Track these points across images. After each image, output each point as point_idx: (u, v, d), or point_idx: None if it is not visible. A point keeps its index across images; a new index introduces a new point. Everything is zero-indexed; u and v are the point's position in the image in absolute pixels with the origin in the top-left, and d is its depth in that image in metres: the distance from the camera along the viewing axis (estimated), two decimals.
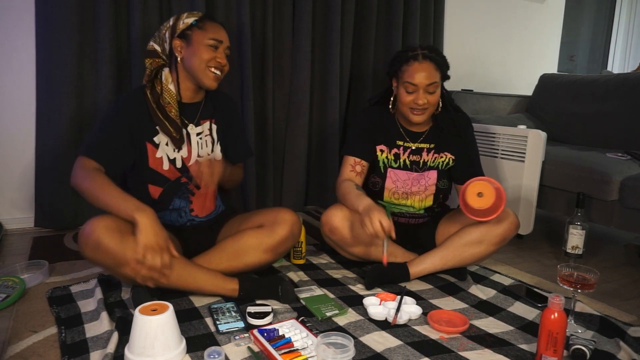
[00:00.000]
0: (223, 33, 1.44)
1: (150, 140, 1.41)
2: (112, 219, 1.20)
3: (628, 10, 4.07)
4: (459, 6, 2.94)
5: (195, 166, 1.42)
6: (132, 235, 1.19)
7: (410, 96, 1.51)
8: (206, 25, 1.42)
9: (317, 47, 2.42)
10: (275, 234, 1.41)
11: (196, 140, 1.48)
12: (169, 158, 1.43)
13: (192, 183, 1.47)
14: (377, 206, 1.37)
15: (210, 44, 1.40)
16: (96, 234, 1.17)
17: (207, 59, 1.40)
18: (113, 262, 1.20)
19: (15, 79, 1.94)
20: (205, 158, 1.45)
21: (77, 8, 1.88)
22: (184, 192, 1.46)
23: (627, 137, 2.30)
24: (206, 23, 1.43)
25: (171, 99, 1.43)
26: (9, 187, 2.01)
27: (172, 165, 1.43)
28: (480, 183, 1.37)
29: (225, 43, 1.44)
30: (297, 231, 1.47)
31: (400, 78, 1.53)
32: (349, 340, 0.95)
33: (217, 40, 1.41)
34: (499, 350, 1.14)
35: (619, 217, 1.84)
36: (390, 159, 1.62)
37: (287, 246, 1.46)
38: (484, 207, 1.37)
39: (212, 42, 1.40)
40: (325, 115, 2.46)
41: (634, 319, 1.38)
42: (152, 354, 1.00)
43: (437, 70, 1.51)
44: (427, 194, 1.64)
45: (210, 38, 1.40)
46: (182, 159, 1.45)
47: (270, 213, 1.46)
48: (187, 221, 1.49)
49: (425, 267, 1.55)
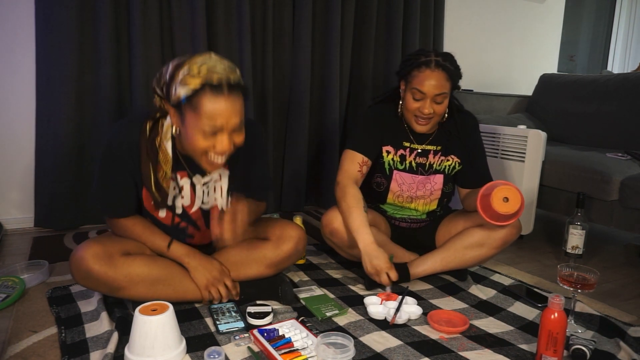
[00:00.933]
0: (225, 113, 1.08)
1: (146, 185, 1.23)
2: (101, 245, 1.17)
3: (628, 10, 4.07)
4: (459, 6, 2.94)
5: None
6: (122, 258, 1.18)
7: (416, 103, 1.46)
8: (201, 103, 1.06)
9: (317, 47, 2.42)
10: (280, 250, 1.37)
11: (201, 190, 1.30)
12: (168, 206, 1.27)
13: (191, 226, 1.33)
14: (378, 249, 1.35)
15: (209, 127, 1.08)
16: (85, 262, 1.14)
17: (202, 147, 1.11)
18: (107, 289, 1.19)
19: (15, 79, 1.94)
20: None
21: (77, 8, 1.88)
22: (181, 234, 1.33)
23: (627, 137, 2.30)
24: (201, 101, 1.06)
25: (164, 161, 1.20)
26: (9, 187, 2.01)
27: (169, 212, 1.29)
28: (505, 188, 1.34)
29: (228, 126, 1.10)
30: (302, 247, 1.43)
31: (409, 82, 1.47)
32: (349, 340, 0.95)
33: (214, 127, 1.09)
34: (499, 350, 1.14)
35: (619, 217, 1.83)
36: (396, 160, 1.58)
37: (291, 262, 1.43)
38: (510, 212, 1.35)
39: (210, 124, 1.08)
40: (325, 115, 2.46)
41: (634, 319, 1.38)
42: (152, 354, 1.00)
43: (448, 80, 1.43)
44: (432, 198, 1.61)
45: (203, 126, 1.08)
46: (184, 207, 1.30)
47: (277, 227, 1.41)
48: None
49: (426, 268, 1.54)
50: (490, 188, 1.37)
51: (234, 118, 1.10)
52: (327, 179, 2.48)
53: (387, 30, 2.57)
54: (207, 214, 1.33)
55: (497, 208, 1.33)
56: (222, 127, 1.09)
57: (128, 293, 1.20)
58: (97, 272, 1.15)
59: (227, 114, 1.08)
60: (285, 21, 2.31)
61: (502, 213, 1.34)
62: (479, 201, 1.39)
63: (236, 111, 1.10)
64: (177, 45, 2.07)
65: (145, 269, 1.21)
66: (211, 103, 1.07)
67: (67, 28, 1.87)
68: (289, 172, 2.43)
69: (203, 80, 1.06)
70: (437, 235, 1.66)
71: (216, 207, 1.31)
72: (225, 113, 1.08)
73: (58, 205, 1.98)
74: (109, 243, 1.21)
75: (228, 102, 1.08)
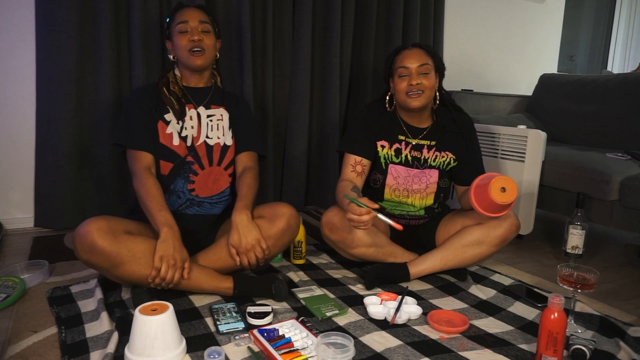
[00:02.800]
0: (188, 12, 1.46)
1: (161, 117, 1.47)
2: (105, 221, 1.23)
3: (628, 10, 4.07)
4: (459, 6, 2.94)
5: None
6: (125, 235, 1.24)
7: (404, 81, 1.52)
8: (175, 15, 1.48)
9: (317, 47, 2.42)
10: (274, 226, 1.42)
11: (206, 122, 1.52)
12: (180, 135, 1.48)
13: (196, 163, 1.49)
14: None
15: (180, 30, 1.45)
16: (90, 236, 1.19)
17: (183, 45, 1.45)
18: (109, 264, 1.21)
19: (15, 79, 1.94)
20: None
21: (77, 8, 1.88)
22: (187, 171, 1.48)
23: (627, 137, 2.30)
24: (175, 14, 1.48)
25: (173, 79, 1.52)
26: (9, 187, 2.01)
27: (182, 142, 1.48)
28: (502, 178, 1.35)
29: (192, 21, 1.45)
30: (295, 224, 1.47)
31: (394, 71, 1.56)
32: (349, 340, 0.95)
33: (183, 22, 1.45)
34: (499, 350, 1.14)
35: (619, 217, 1.84)
36: (391, 154, 1.61)
37: (285, 240, 1.46)
38: (507, 202, 1.36)
39: (180, 26, 1.45)
40: (325, 115, 2.46)
41: (634, 319, 1.38)
42: (152, 354, 1.00)
43: (428, 55, 1.54)
44: (428, 192, 1.63)
45: (177, 24, 1.45)
46: (192, 139, 1.49)
47: (269, 207, 1.49)
48: (185, 200, 1.49)
49: (426, 267, 1.55)
50: (487, 178, 1.39)
51: (197, 14, 1.46)
52: (327, 178, 2.48)
53: (387, 30, 2.57)
54: (211, 151, 1.52)
55: (495, 198, 1.34)
56: (189, 20, 1.44)
57: (129, 269, 1.23)
58: (102, 245, 1.18)
59: (191, 12, 1.47)
60: (285, 21, 2.31)
61: (500, 203, 1.34)
62: (473, 191, 1.41)
63: (199, 13, 1.47)
64: None
65: (147, 245, 1.25)
66: (179, 12, 1.48)
67: (67, 28, 1.87)
68: (289, 172, 2.43)
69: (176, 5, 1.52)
70: (437, 235, 1.67)
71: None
72: (189, 12, 1.47)
73: (58, 205, 1.98)
74: (112, 220, 1.26)
75: (191, 8, 1.48)
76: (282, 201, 2.44)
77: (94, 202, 2.06)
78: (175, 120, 1.48)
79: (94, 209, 2.06)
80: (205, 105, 1.54)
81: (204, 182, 1.51)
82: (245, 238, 1.34)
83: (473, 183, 1.43)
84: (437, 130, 1.63)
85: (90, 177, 2.04)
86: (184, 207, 1.50)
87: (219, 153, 1.54)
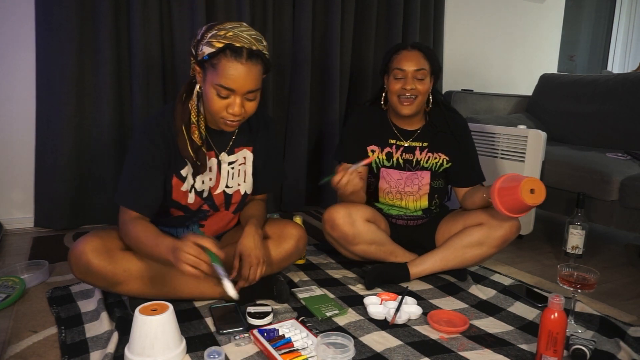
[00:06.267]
0: (240, 76, 1.12)
1: (177, 172, 1.27)
2: (100, 239, 1.18)
3: (628, 10, 4.07)
4: (459, 6, 2.94)
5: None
6: (120, 253, 1.20)
7: (398, 83, 1.51)
8: (220, 63, 1.12)
9: (317, 47, 2.42)
10: (281, 249, 1.38)
11: (227, 170, 1.34)
12: (196, 190, 1.30)
13: (211, 209, 1.37)
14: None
15: (219, 93, 1.14)
16: (85, 256, 1.15)
17: (216, 106, 1.16)
18: (105, 283, 1.19)
19: (15, 80, 1.94)
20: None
21: (77, 8, 1.88)
22: (201, 217, 1.38)
23: (627, 137, 2.30)
24: (221, 61, 1.12)
25: (196, 119, 1.23)
26: (9, 187, 2.01)
27: (197, 197, 1.31)
28: (530, 180, 1.33)
29: (239, 91, 1.14)
30: (302, 246, 1.43)
31: (390, 69, 1.54)
32: (349, 340, 0.95)
33: (227, 89, 1.13)
34: (499, 350, 1.14)
35: (619, 217, 1.83)
36: (382, 158, 1.61)
37: (291, 261, 1.44)
38: (538, 203, 1.34)
39: (221, 90, 1.13)
40: (325, 115, 2.46)
41: (634, 319, 1.38)
42: (152, 354, 1.00)
43: (425, 59, 1.51)
44: (421, 194, 1.62)
45: (218, 84, 1.13)
46: (210, 189, 1.33)
47: (277, 226, 1.42)
48: (190, 231, 1.40)
49: (426, 267, 1.55)
50: (514, 180, 1.34)
51: (248, 84, 1.14)
52: None
53: (387, 30, 2.57)
54: (229, 199, 1.37)
55: (526, 199, 1.31)
56: (236, 90, 1.14)
57: (126, 288, 1.21)
58: (97, 267, 1.16)
59: (242, 78, 1.13)
60: (285, 21, 2.31)
61: (531, 204, 1.32)
62: (497, 193, 1.36)
63: (252, 78, 1.14)
64: (177, 45, 2.07)
65: (144, 264, 1.22)
66: (229, 64, 1.12)
67: (67, 28, 1.87)
68: (289, 172, 2.43)
69: (226, 43, 1.12)
70: (437, 235, 1.66)
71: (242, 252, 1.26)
72: (240, 76, 1.12)
73: (58, 205, 1.98)
74: (107, 237, 1.21)
75: (245, 68, 1.13)
76: (282, 200, 2.46)
77: (94, 202, 2.06)
78: (191, 175, 1.29)
79: (94, 209, 2.06)
80: (228, 152, 1.33)
81: (215, 224, 1.42)
82: (257, 249, 1.25)
83: (495, 185, 1.38)
84: (429, 131, 1.62)
85: (90, 177, 2.04)
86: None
87: (237, 203, 1.40)
